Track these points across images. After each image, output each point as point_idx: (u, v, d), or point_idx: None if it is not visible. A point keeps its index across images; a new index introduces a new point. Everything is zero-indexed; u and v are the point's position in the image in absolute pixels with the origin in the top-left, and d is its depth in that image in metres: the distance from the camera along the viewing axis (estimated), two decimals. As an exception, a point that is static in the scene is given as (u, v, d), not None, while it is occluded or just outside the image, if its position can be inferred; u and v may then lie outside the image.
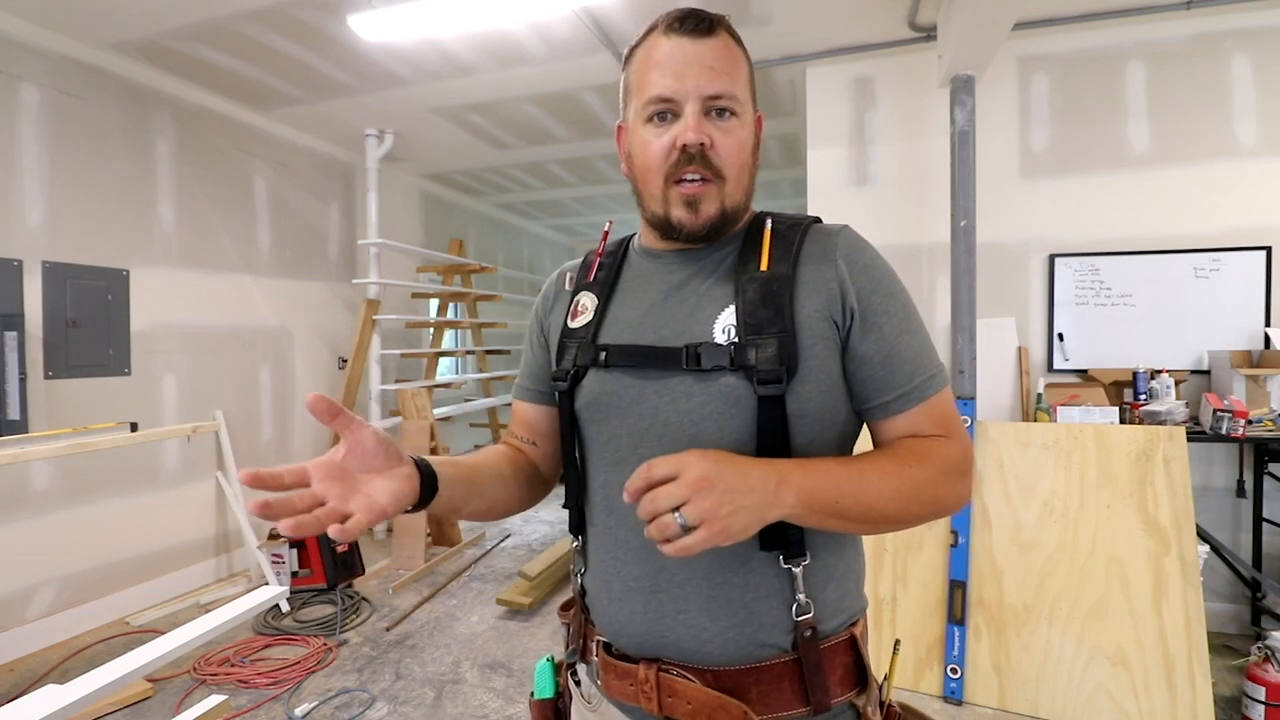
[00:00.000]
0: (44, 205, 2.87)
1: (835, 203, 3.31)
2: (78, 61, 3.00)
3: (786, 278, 0.72)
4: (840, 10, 2.82)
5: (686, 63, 0.72)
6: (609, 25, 2.94)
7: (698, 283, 0.77)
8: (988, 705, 2.30)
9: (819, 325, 0.71)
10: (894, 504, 0.67)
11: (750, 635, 0.70)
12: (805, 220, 0.79)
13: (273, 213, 4.07)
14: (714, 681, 0.70)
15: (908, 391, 0.72)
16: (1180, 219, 2.86)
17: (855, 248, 0.75)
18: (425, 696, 2.44)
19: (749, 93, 0.76)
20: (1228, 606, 2.81)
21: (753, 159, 0.77)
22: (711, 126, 0.72)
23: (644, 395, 0.74)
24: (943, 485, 0.70)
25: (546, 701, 0.86)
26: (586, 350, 0.79)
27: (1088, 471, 2.38)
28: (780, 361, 0.68)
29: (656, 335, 0.75)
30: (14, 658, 2.70)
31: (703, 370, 0.70)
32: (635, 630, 0.74)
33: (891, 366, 0.72)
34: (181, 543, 3.45)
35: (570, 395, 0.80)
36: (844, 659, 0.73)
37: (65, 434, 2.63)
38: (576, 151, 4.79)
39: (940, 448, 0.71)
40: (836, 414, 0.73)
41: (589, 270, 0.86)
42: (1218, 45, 2.82)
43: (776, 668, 0.70)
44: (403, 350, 4.61)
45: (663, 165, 0.73)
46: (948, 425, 0.73)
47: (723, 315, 0.73)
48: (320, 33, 2.95)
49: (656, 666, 0.72)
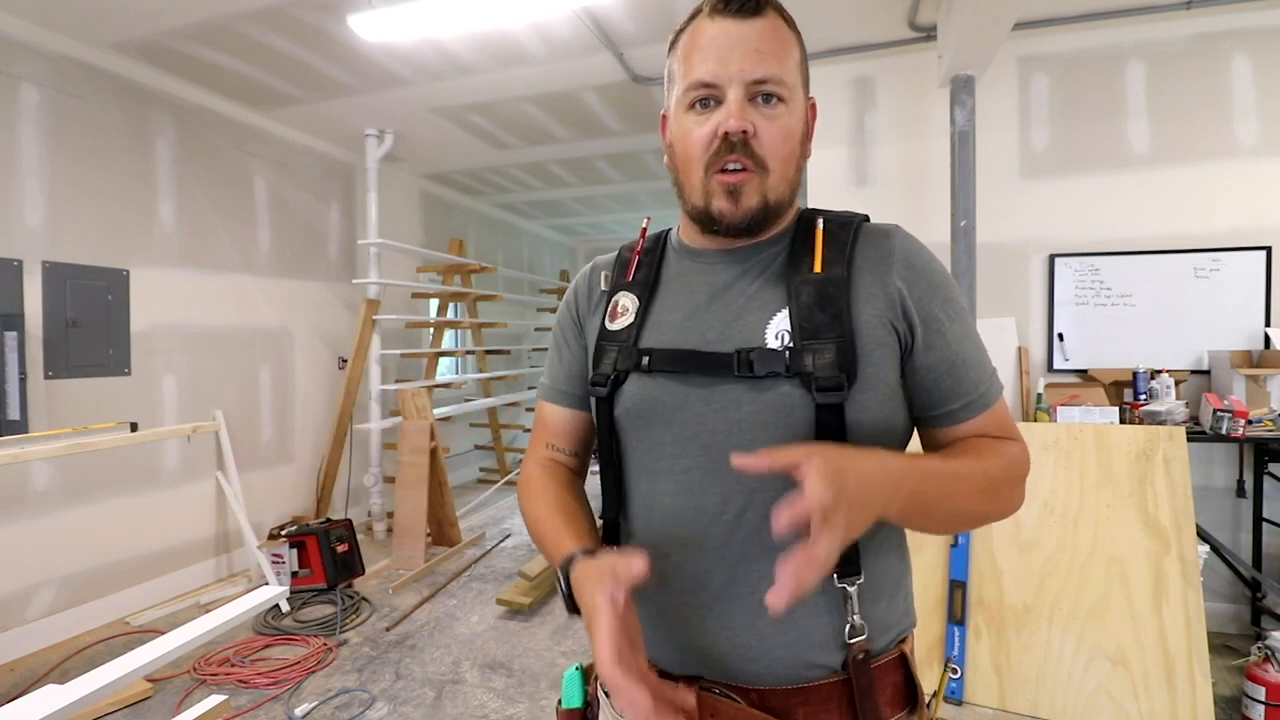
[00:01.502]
0: (44, 205, 2.87)
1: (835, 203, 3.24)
2: (78, 61, 3.00)
3: (843, 280, 0.69)
4: (840, 10, 2.82)
5: (730, 46, 0.67)
6: (609, 25, 2.94)
7: (745, 284, 0.73)
8: (988, 705, 2.30)
9: (878, 331, 0.68)
10: (976, 504, 0.66)
11: (799, 655, 0.67)
12: (856, 219, 0.75)
13: (273, 213, 4.07)
14: (758, 701, 0.67)
15: (975, 399, 0.70)
16: (1180, 219, 2.86)
17: (913, 251, 0.72)
18: (425, 696, 2.44)
19: (800, 77, 0.71)
20: (1228, 606, 2.81)
21: (801, 149, 0.72)
22: (756, 113, 0.67)
23: (689, 403, 0.69)
24: (1015, 486, 0.69)
25: (575, 711, 0.81)
26: (628, 354, 0.74)
27: (1088, 471, 2.38)
28: (840, 368, 0.65)
29: (702, 339, 0.71)
30: (14, 658, 2.70)
31: (755, 377, 0.66)
32: (676, 646, 0.71)
33: (958, 374, 0.70)
34: (181, 543, 3.45)
35: (609, 401, 0.75)
36: (894, 678, 0.70)
37: (65, 434, 2.62)
38: (576, 151, 4.79)
39: (1012, 449, 0.70)
40: (894, 423, 0.70)
41: (627, 269, 0.81)
42: (1218, 45, 2.82)
43: (825, 689, 0.67)
44: (403, 350, 4.61)
45: (704, 154, 0.69)
46: (1010, 428, 0.72)
47: (775, 319, 0.69)
48: (320, 33, 2.95)
49: (698, 685, 0.69)
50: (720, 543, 0.68)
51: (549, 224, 7.68)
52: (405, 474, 3.92)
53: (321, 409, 4.43)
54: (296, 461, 4.24)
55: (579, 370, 0.83)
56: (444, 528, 4.12)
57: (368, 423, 4.25)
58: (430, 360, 5.14)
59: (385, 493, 4.52)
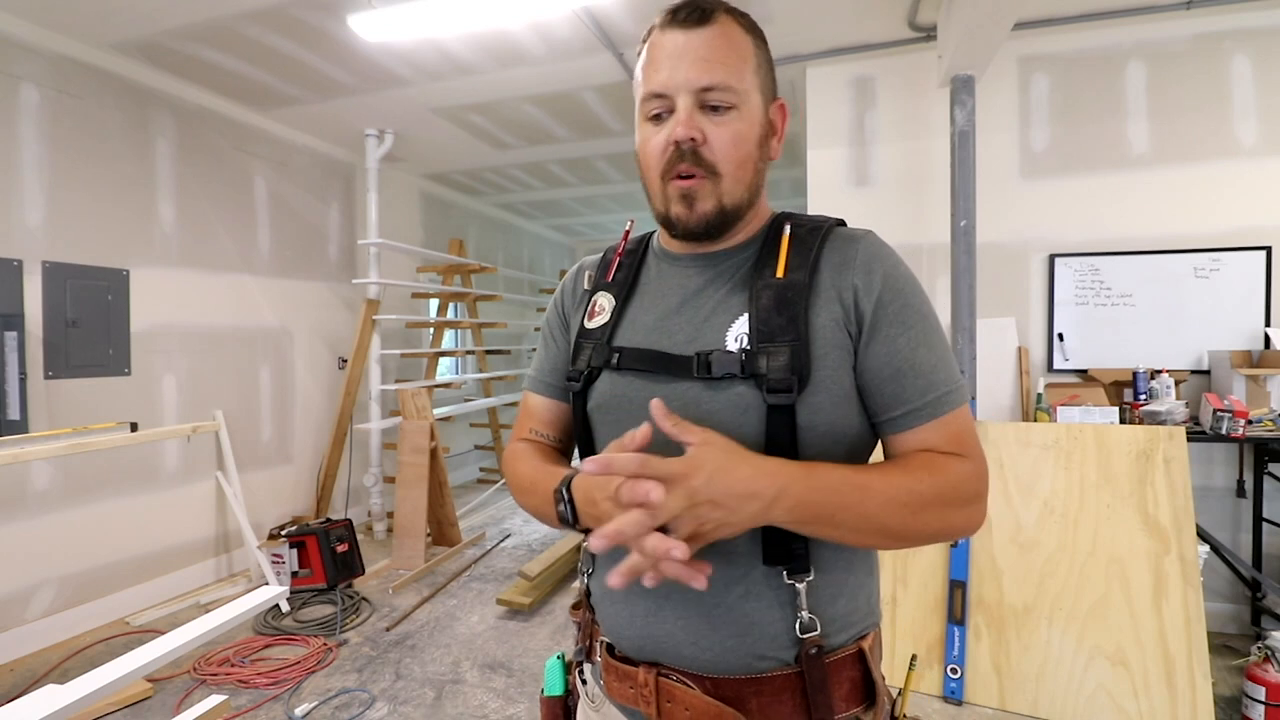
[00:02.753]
0: (44, 205, 2.87)
1: (835, 203, 3.31)
2: (78, 61, 3.00)
3: (803, 285, 0.70)
4: (840, 10, 2.82)
5: (679, 55, 0.70)
6: (609, 25, 2.94)
7: (714, 289, 0.76)
8: (988, 705, 2.30)
9: (833, 334, 0.69)
10: (896, 520, 0.64)
11: (749, 647, 0.69)
12: (827, 224, 0.76)
13: (273, 213, 4.07)
14: (713, 690, 0.69)
15: (919, 407, 0.69)
16: (1180, 219, 2.86)
17: (876, 255, 0.72)
18: (425, 696, 2.44)
19: (756, 81, 0.73)
20: (1228, 606, 2.81)
21: (759, 151, 0.74)
22: (706, 120, 0.70)
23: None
24: (952, 506, 0.67)
25: (556, 699, 0.85)
26: (601, 351, 0.78)
27: (1088, 471, 2.38)
28: (792, 370, 0.67)
29: (670, 341, 0.74)
30: (14, 658, 2.70)
31: (713, 378, 0.69)
32: (635, 633, 0.74)
33: (902, 381, 0.69)
34: (181, 543, 3.45)
35: (583, 396, 0.79)
36: (851, 673, 0.71)
37: (65, 434, 2.62)
38: (576, 151, 4.79)
39: (953, 466, 0.68)
40: (849, 427, 0.71)
41: (608, 270, 0.85)
42: (1218, 45, 2.82)
43: (779, 680, 0.69)
44: (403, 350, 4.61)
45: (659, 163, 0.72)
46: (963, 444, 0.69)
47: (736, 323, 0.71)
48: (320, 33, 2.95)
49: (656, 671, 0.72)
50: (676, 534, 0.70)
51: (549, 224, 7.68)
52: (405, 474, 3.92)
53: (321, 409, 4.43)
54: (296, 461, 4.24)
55: (562, 364, 0.87)
56: (444, 528, 4.12)
57: (368, 423, 4.25)
58: (430, 360, 5.14)
59: (385, 493, 4.52)
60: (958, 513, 0.67)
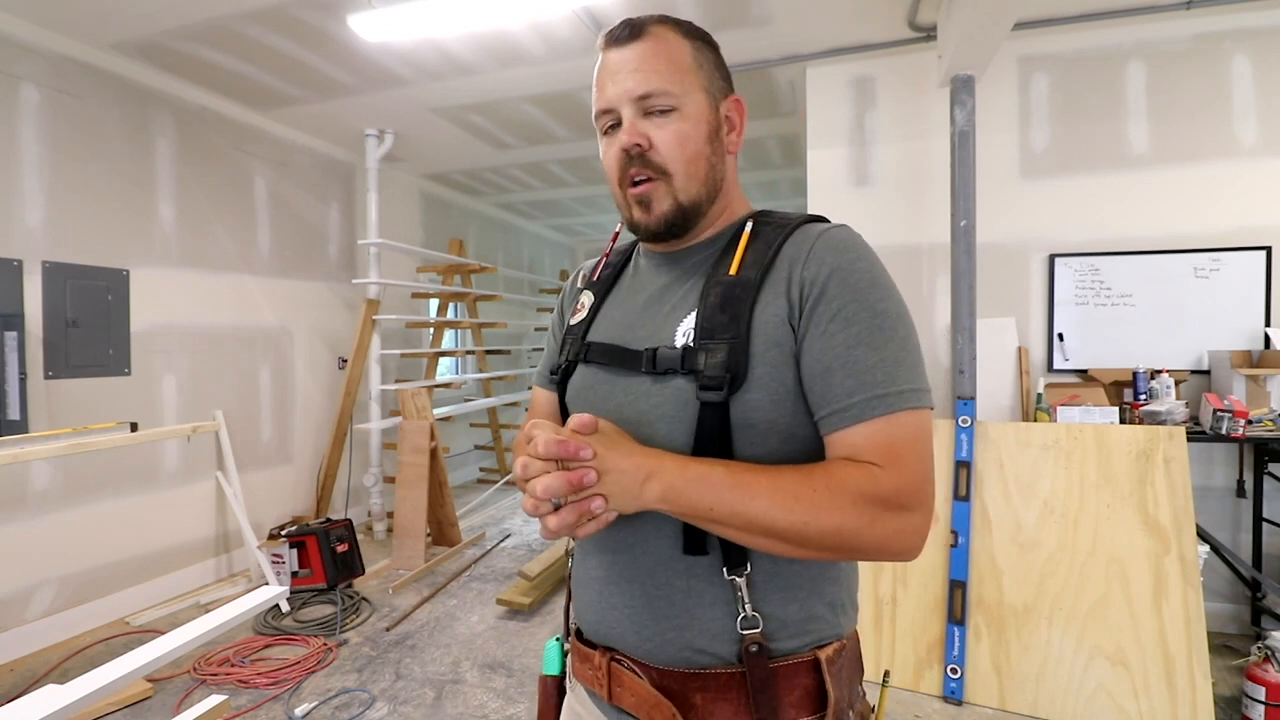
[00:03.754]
0: (44, 205, 2.87)
1: (835, 203, 3.31)
2: (78, 61, 3.00)
3: (752, 283, 0.70)
4: (840, 10, 2.82)
5: (616, 71, 0.74)
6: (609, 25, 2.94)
7: (677, 286, 0.78)
8: (988, 705, 2.30)
9: (775, 332, 0.68)
10: (785, 524, 0.61)
11: (689, 640, 0.70)
12: (795, 220, 0.75)
13: (273, 213, 4.07)
14: (657, 679, 0.71)
15: (843, 408, 0.65)
16: (1180, 219, 2.86)
17: (833, 248, 0.70)
18: (425, 696, 2.44)
19: (699, 80, 0.75)
20: (1228, 606, 2.81)
21: (710, 147, 0.75)
22: (649, 125, 0.73)
23: (613, 393, 0.76)
24: (855, 517, 0.62)
25: (552, 678, 0.88)
26: (576, 346, 0.83)
27: (1088, 471, 2.38)
28: (726, 369, 0.67)
29: (633, 336, 0.78)
30: (14, 658, 2.70)
31: (657, 373, 0.72)
32: (593, 617, 0.77)
33: (830, 379, 0.66)
34: (181, 543, 3.45)
35: (563, 387, 0.84)
36: (804, 681, 0.69)
37: (65, 434, 2.62)
38: (576, 151, 4.79)
39: (860, 475, 0.62)
40: (794, 425, 0.69)
41: (595, 270, 0.91)
42: (1218, 45, 2.82)
43: (723, 678, 0.68)
44: (403, 350, 4.61)
45: (616, 172, 0.76)
46: (888, 454, 0.63)
47: (686, 320, 0.73)
48: (320, 33, 2.95)
49: (610, 655, 0.75)
50: (625, 524, 0.71)
51: (549, 224, 7.68)
52: (405, 474, 3.92)
53: (321, 409, 4.43)
54: (296, 461, 4.24)
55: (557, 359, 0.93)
56: (444, 528, 4.12)
57: (368, 423, 4.25)
58: (430, 360, 5.14)
59: (385, 493, 4.52)
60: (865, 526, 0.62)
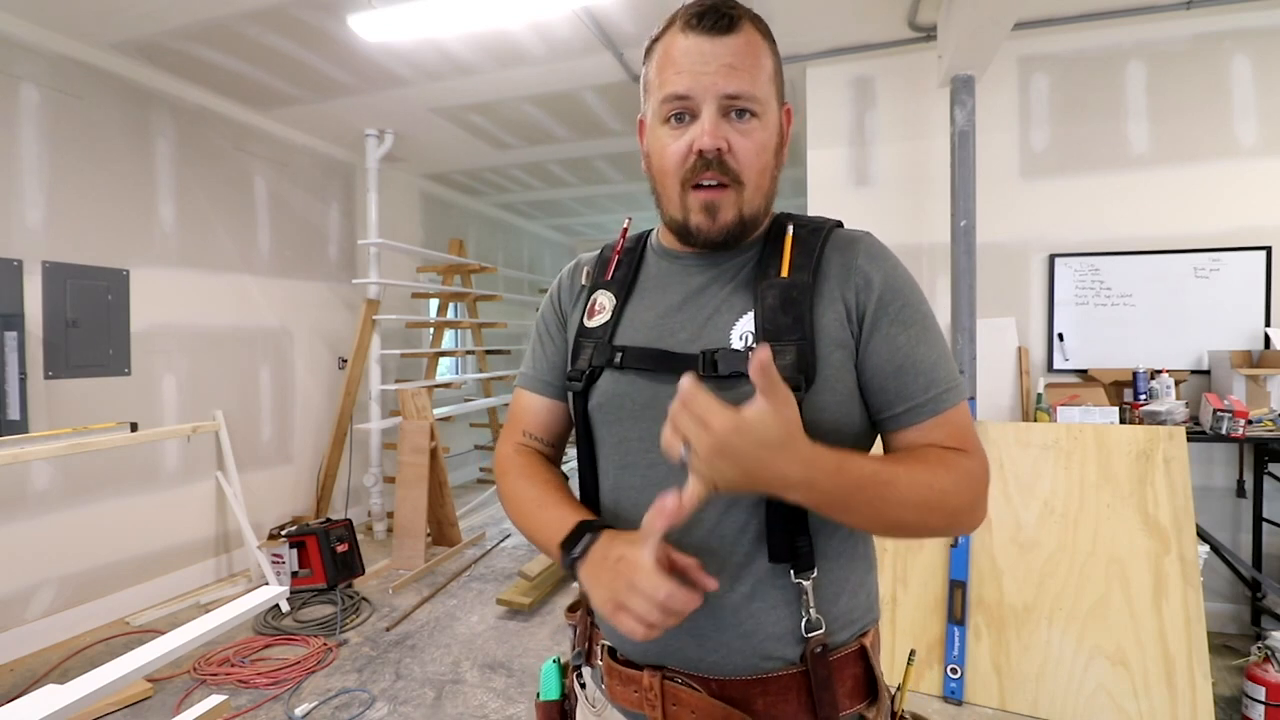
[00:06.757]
0: (44, 205, 2.87)
1: (835, 203, 3.31)
2: (78, 61, 3.00)
3: (807, 285, 0.71)
4: (840, 10, 2.82)
5: (704, 61, 0.68)
6: (609, 25, 2.94)
7: (717, 288, 0.75)
8: (988, 705, 2.30)
9: (837, 333, 0.70)
10: (914, 513, 0.64)
11: (755, 646, 0.69)
12: (827, 225, 0.77)
13: (273, 213, 4.07)
14: (718, 691, 0.69)
15: (922, 403, 0.69)
16: (1180, 219, 2.86)
17: (876, 256, 0.73)
18: (425, 696, 2.44)
19: (773, 89, 0.73)
20: (1228, 606, 2.81)
21: (775, 160, 0.74)
22: (730, 129, 0.69)
23: (657, 399, 0.71)
24: (965, 501, 0.67)
25: (552, 703, 0.84)
26: (603, 351, 0.77)
27: (1088, 471, 2.38)
28: (799, 369, 0.67)
29: (674, 339, 0.74)
30: (14, 658, 2.70)
31: (719, 376, 0.68)
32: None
33: (905, 377, 0.69)
34: (181, 543, 3.45)
35: (584, 395, 0.78)
36: (854, 670, 0.71)
37: (65, 434, 2.62)
38: (576, 151, 4.79)
39: (965, 462, 0.68)
40: (852, 425, 0.71)
41: (606, 268, 0.84)
42: (1218, 45, 2.82)
43: (784, 679, 0.69)
44: (403, 350, 4.61)
45: (679, 169, 0.71)
46: (965, 440, 0.70)
47: (741, 321, 0.71)
48: (320, 33, 2.95)
49: (661, 674, 0.71)
50: (681, 535, 0.68)
51: (549, 224, 7.68)
52: (405, 474, 3.92)
53: (321, 409, 4.43)
54: (296, 461, 4.24)
55: (560, 362, 0.85)
56: (444, 528, 4.12)
57: (368, 423, 4.25)
58: (430, 360, 5.14)
59: (385, 493, 4.51)
60: (968, 507, 0.67)
